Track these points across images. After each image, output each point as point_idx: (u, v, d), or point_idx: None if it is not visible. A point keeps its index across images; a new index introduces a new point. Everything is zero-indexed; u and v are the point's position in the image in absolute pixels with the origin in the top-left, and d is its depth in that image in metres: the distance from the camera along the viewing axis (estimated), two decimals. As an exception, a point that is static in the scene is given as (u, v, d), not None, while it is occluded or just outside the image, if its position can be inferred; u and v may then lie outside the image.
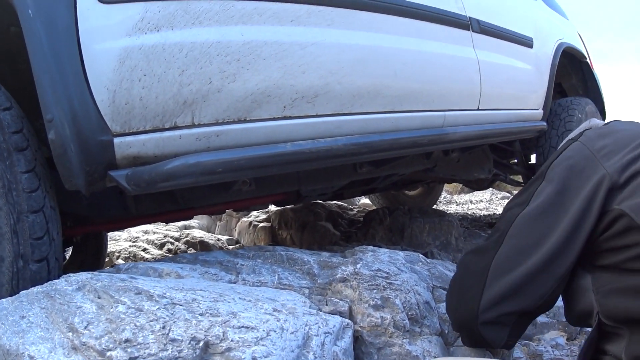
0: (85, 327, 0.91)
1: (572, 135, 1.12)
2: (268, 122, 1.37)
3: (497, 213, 4.40)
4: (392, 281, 1.29)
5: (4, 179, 1.14)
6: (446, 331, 1.31)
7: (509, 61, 2.44)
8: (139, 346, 0.85)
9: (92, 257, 2.62)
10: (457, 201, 5.38)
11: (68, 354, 0.86)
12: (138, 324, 0.89)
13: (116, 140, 1.23)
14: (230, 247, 3.84)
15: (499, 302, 1.00)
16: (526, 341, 1.75)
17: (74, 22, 1.15)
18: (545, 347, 1.67)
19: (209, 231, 4.47)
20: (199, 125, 1.29)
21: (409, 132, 1.70)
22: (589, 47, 3.48)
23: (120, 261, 3.39)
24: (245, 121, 1.34)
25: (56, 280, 1.08)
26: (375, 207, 4.29)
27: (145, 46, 1.20)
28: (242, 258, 1.48)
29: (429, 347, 1.21)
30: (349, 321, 1.17)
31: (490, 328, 1.03)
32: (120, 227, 2.78)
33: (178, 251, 3.60)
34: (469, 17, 2.12)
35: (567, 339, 1.73)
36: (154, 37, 1.21)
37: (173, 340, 0.86)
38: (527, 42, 2.60)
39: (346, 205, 4.40)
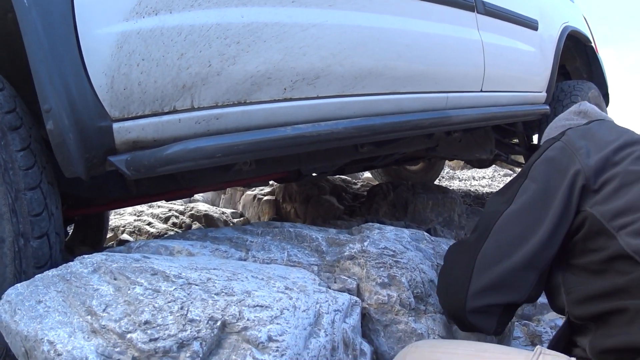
0: (104, 310, 0.89)
1: (553, 134, 1.19)
2: (268, 105, 1.34)
3: None
4: (399, 259, 1.29)
5: None
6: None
7: (513, 43, 2.38)
8: (158, 327, 0.84)
9: (94, 233, 2.62)
10: (459, 177, 5.34)
11: (88, 337, 0.85)
12: (156, 305, 0.89)
13: (115, 125, 1.21)
14: (235, 220, 3.83)
15: (485, 293, 1.02)
16: (526, 321, 1.77)
17: (71, 9, 1.12)
18: (544, 328, 1.70)
19: (213, 204, 4.46)
20: (199, 109, 1.26)
21: (411, 115, 1.66)
22: (595, 32, 3.41)
23: (125, 236, 3.40)
24: (245, 104, 1.31)
25: (71, 263, 1.06)
26: (377, 182, 4.26)
27: (143, 30, 1.17)
28: (251, 235, 1.47)
29: (433, 325, 1.21)
30: (357, 299, 1.17)
31: (478, 317, 1.04)
32: (121, 207, 2.78)
33: (183, 225, 3.59)
34: (474, -2, 2.06)
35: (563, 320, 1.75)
36: (152, 20, 1.18)
37: (191, 320, 0.86)
38: (532, 25, 2.54)
39: (350, 179, 4.37)
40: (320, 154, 1.91)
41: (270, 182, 3.53)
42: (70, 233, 2.64)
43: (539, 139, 2.90)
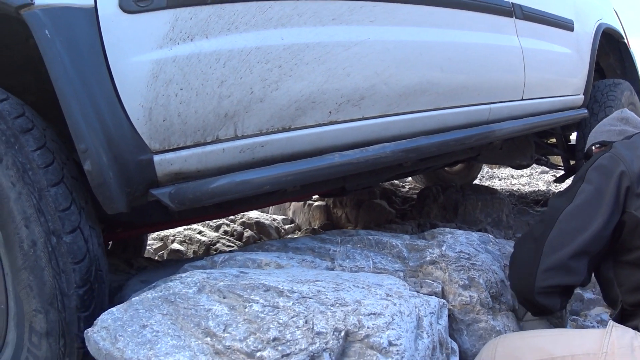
0: (224, 330, 0.85)
1: (599, 138, 1.45)
2: (313, 129, 1.23)
3: (540, 189, 4.22)
4: (474, 262, 1.32)
5: (16, 163, 1.04)
6: (516, 307, 1.35)
7: (551, 47, 2.22)
8: (288, 343, 0.82)
9: (134, 241, 2.53)
10: (499, 176, 5.18)
11: (212, 359, 0.81)
12: (281, 321, 0.86)
13: (156, 157, 1.11)
14: (286, 226, 3.72)
15: (549, 274, 1.14)
16: (575, 317, 1.81)
17: (99, 37, 1.01)
18: (591, 322, 1.73)
19: (263, 211, 4.34)
20: (242, 137, 1.15)
21: (456, 133, 1.53)
22: (623, 19, 3.21)
23: (176, 245, 3.30)
24: (290, 129, 1.20)
25: (170, 284, 1.02)
26: (417, 184, 4.18)
27: (179, 58, 1.06)
28: (332, 244, 1.45)
29: (507, 322, 1.25)
30: (444, 301, 1.19)
31: (545, 297, 1.16)
32: (162, 229, 2.69)
33: (234, 233, 3.45)
34: (512, 3, 1.91)
35: (610, 315, 1.79)
36: (187, 47, 1.07)
37: (318, 333, 0.84)
38: (568, 25, 2.37)
39: (398, 182, 4.26)
40: (365, 172, 1.79)
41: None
42: (111, 243, 2.56)
43: (577, 138, 2.72)
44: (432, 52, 1.50)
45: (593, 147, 1.50)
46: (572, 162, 2.85)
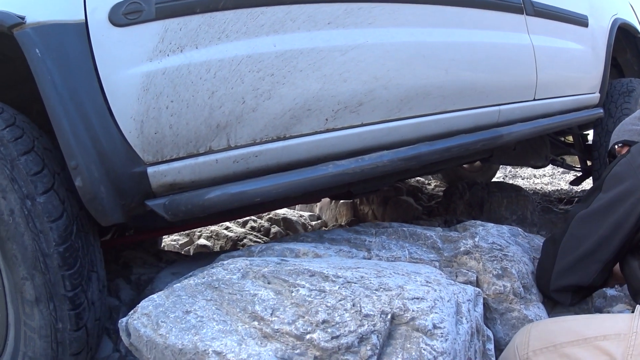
0: (272, 314, 0.85)
1: (621, 137, 1.48)
2: (310, 137, 1.19)
3: (563, 188, 4.14)
4: (506, 253, 1.34)
5: None
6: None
7: (564, 44, 2.12)
8: (338, 325, 0.82)
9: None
10: (521, 175, 5.09)
11: (261, 343, 0.81)
12: (329, 304, 0.86)
13: (150, 169, 1.10)
14: (313, 222, 3.70)
15: (561, 275, 1.24)
16: (597, 313, 1.76)
17: (90, 52, 1.00)
18: None
19: (289, 207, 4.32)
20: (236, 147, 1.12)
21: (460, 138, 1.46)
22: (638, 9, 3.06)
23: (202, 241, 3.30)
24: (285, 138, 1.16)
25: (213, 270, 1.02)
26: (442, 182, 4.14)
27: (169, 70, 1.04)
28: (367, 235, 1.46)
29: (539, 312, 1.26)
30: (479, 289, 1.20)
31: (558, 294, 1.27)
32: (169, 233, 2.67)
33: (262, 228, 3.44)
34: None
35: (632, 312, 1.72)
36: (177, 58, 1.04)
37: (366, 315, 0.85)
38: (582, 21, 2.26)
39: (423, 179, 4.23)
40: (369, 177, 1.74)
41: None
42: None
43: (594, 139, 2.61)
44: (436, 54, 1.43)
45: (616, 147, 1.51)
46: (589, 163, 2.73)
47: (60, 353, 1.07)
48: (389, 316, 0.86)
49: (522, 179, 4.93)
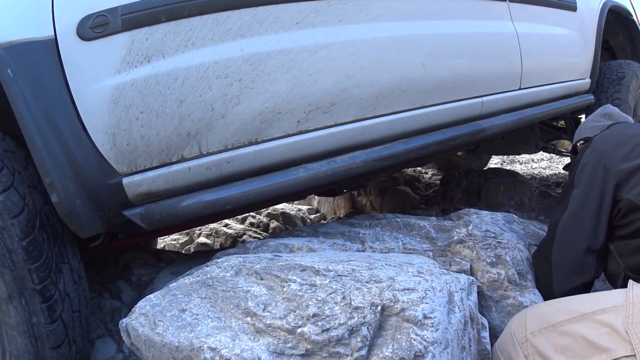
0: (264, 309, 0.87)
1: (584, 134, 1.51)
2: (282, 140, 1.19)
3: (561, 172, 4.12)
4: (500, 240, 1.34)
5: None
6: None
7: (551, 30, 2.10)
8: (328, 318, 0.84)
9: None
10: (519, 160, 5.07)
11: (254, 338, 0.83)
12: (319, 298, 0.88)
13: (125, 180, 1.12)
14: (312, 216, 3.72)
15: (564, 281, 1.24)
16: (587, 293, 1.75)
17: (60, 68, 1.02)
18: None
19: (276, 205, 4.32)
20: (208, 154, 1.14)
21: (438, 134, 1.45)
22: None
23: (202, 239, 3.34)
24: (257, 142, 1.17)
25: (207, 269, 1.03)
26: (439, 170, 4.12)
27: (137, 81, 1.05)
28: (361, 227, 1.48)
29: (534, 298, 1.27)
30: (473, 278, 1.21)
31: (566, 295, 1.23)
32: (157, 236, 2.68)
33: (260, 224, 3.47)
34: (503, -13, 1.80)
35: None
36: (144, 69, 1.06)
37: (356, 308, 0.86)
38: (570, 5, 2.23)
39: (420, 169, 4.24)
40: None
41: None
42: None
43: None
44: (412, 48, 1.42)
45: (577, 144, 1.56)
46: None
47: (40, 347, 1.10)
48: (379, 308, 0.88)
49: (520, 164, 4.91)
